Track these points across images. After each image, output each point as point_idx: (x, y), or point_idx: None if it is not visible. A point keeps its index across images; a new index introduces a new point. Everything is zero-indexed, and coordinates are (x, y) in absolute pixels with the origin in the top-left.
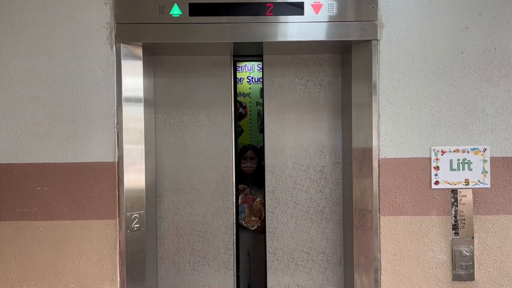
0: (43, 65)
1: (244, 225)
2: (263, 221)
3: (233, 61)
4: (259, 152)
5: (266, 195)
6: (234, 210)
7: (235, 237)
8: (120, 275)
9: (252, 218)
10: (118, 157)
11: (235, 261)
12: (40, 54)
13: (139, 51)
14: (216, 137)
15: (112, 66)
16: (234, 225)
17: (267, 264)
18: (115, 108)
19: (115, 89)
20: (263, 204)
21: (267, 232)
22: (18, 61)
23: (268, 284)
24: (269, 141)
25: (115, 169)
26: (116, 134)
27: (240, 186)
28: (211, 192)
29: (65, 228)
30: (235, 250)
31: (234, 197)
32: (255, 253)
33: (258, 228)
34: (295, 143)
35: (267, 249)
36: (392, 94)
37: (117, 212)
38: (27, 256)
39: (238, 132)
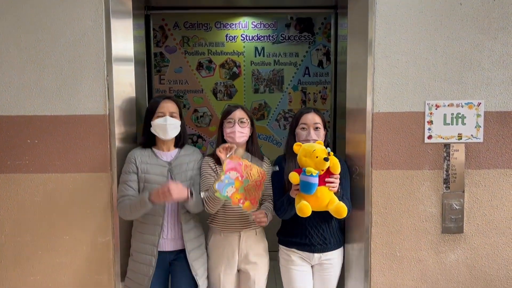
0: (29, 15)
1: (233, 205)
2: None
3: None
4: (252, 116)
5: None
6: None
7: None
8: (113, 227)
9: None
10: (109, 109)
11: None
12: (26, 2)
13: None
14: None
15: (101, 15)
16: None
17: None
18: (104, 59)
19: (104, 39)
20: (262, 176)
21: None
22: (3, 11)
23: None
24: None
25: (106, 122)
26: (106, 86)
27: (228, 144)
28: None
29: (57, 181)
30: None
31: None
32: None
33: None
34: None
35: None
36: (387, 47)
37: (109, 165)
38: (20, 209)
39: (231, 92)
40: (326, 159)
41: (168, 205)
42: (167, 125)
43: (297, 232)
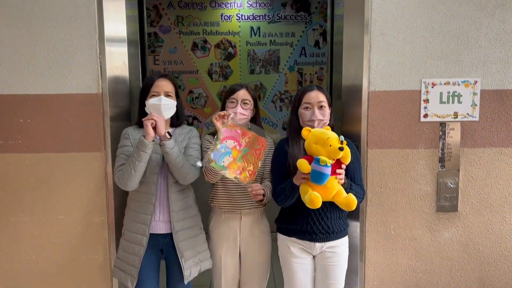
0: None
1: (230, 177)
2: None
3: None
4: (256, 97)
5: None
6: None
7: None
8: (108, 207)
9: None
10: (102, 88)
11: None
12: None
13: None
14: None
15: None
16: None
17: None
18: (97, 37)
19: (96, 17)
20: (262, 144)
21: None
22: None
23: None
24: None
25: (100, 101)
26: (99, 64)
27: (224, 112)
28: None
29: (51, 161)
30: None
31: None
32: None
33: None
34: None
35: None
36: (384, 24)
37: (103, 145)
38: (14, 189)
39: (227, 73)
40: (341, 149)
41: (160, 185)
42: (161, 105)
43: (298, 218)
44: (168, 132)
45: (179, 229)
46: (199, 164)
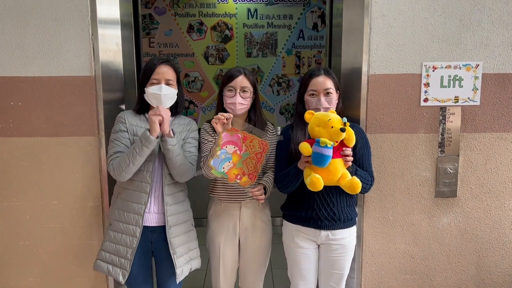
0: None
1: (230, 181)
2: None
3: None
4: (255, 83)
5: None
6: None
7: None
8: (102, 191)
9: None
10: (95, 70)
11: None
12: None
13: None
14: None
15: None
16: None
17: None
18: (89, 17)
19: None
20: (263, 147)
21: None
22: None
23: None
24: None
25: (93, 84)
26: (91, 46)
27: (221, 114)
28: None
29: (43, 145)
30: None
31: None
32: None
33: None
34: None
35: None
36: (385, 5)
37: (97, 129)
38: (6, 173)
39: (224, 56)
40: (342, 130)
41: (154, 175)
42: (162, 95)
43: (303, 204)
44: (172, 129)
45: (172, 223)
46: (195, 174)
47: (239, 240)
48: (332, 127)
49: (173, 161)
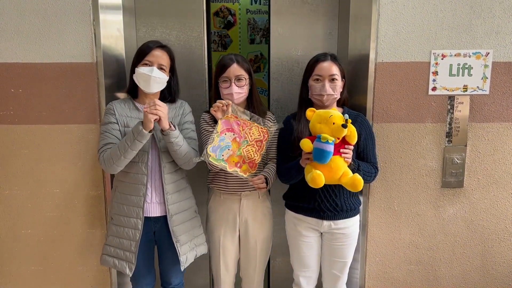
0: None
1: (230, 170)
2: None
3: None
4: (250, 69)
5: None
6: None
7: None
8: (105, 180)
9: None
10: (96, 57)
11: None
12: None
13: None
14: None
15: None
16: None
17: None
18: (90, 2)
19: None
20: (264, 135)
21: None
22: None
23: None
24: None
25: (94, 70)
26: (93, 32)
27: (219, 101)
28: None
29: (45, 133)
30: None
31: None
32: None
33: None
34: None
35: None
36: None
37: (98, 117)
38: (7, 161)
39: (226, 43)
40: (344, 126)
41: (151, 164)
42: (151, 77)
43: (306, 195)
44: (171, 122)
45: (174, 212)
46: (196, 160)
47: (239, 232)
48: (333, 123)
49: (177, 152)
